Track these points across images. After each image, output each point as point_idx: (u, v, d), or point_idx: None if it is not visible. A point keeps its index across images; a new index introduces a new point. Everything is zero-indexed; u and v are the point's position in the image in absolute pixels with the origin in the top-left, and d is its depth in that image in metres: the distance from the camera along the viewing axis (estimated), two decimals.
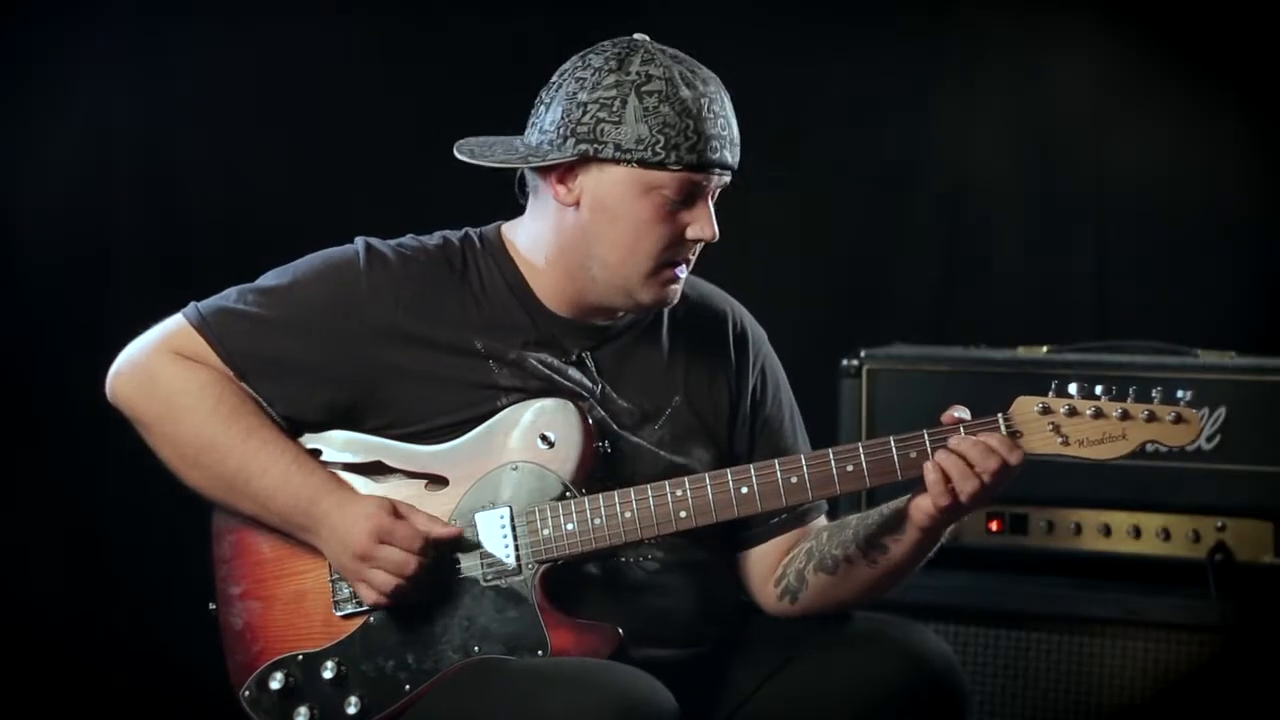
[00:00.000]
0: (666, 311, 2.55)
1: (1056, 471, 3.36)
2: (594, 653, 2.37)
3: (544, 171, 2.44)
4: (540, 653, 2.38)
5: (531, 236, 2.50)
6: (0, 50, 3.73)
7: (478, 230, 2.56)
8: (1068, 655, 3.32)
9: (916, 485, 2.38)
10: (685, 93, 2.37)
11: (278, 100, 4.01)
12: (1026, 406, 2.36)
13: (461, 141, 2.51)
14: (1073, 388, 2.36)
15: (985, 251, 4.26)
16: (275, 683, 2.46)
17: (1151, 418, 2.34)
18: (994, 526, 3.47)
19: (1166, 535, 3.37)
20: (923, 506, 2.37)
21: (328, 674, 2.45)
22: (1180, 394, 2.35)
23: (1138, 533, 3.38)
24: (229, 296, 2.51)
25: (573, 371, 2.50)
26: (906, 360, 3.54)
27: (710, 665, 2.50)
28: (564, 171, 2.42)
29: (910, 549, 2.44)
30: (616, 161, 2.38)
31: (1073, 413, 2.35)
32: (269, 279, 2.52)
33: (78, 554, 3.89)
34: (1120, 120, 4.12)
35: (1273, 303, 3.93)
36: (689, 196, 2.40)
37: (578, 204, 2.43)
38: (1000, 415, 2.36)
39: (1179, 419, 2.34)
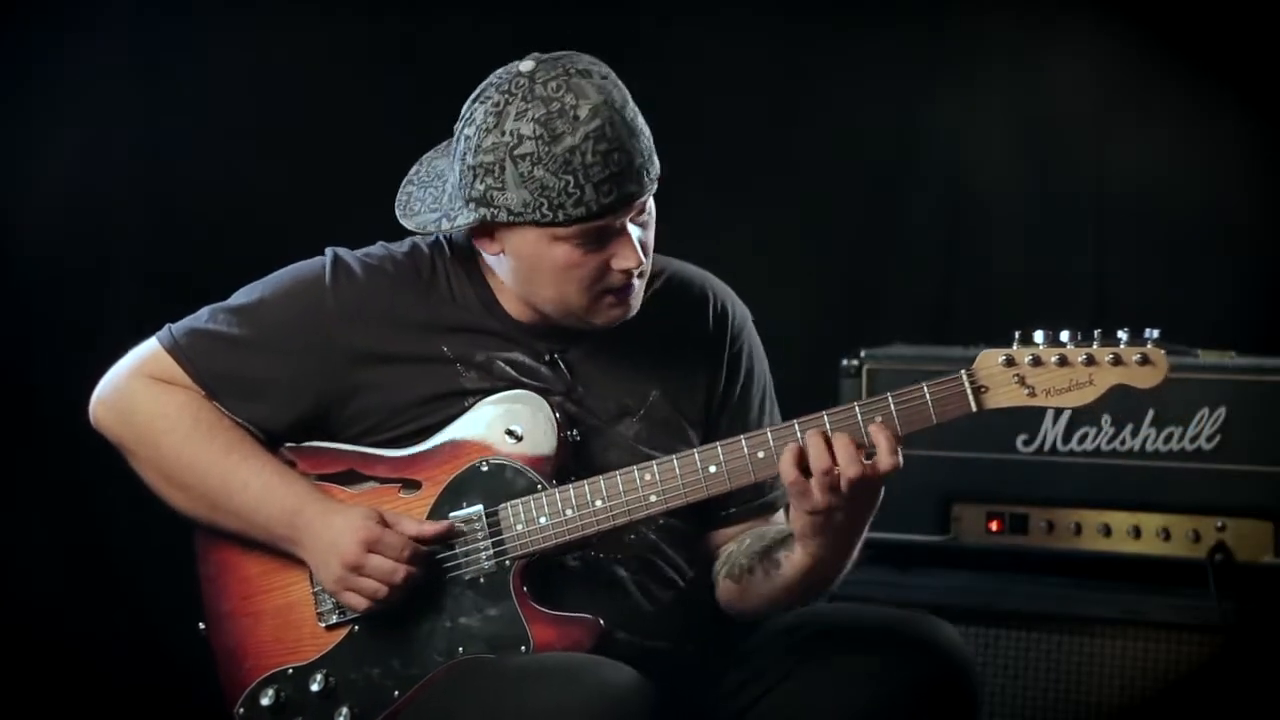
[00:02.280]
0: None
1: (1056, 471, 3.39)
2: (577, 645, 2.38)
3: None
4: (523, 649, 2.39)
5: (491, 257, 2.50)
6: (0, 50, 3.72)
7: (448, 235, 2.55)
8: (1068, 655, 3.32)
9: None
10: (558, 148, 2.30)
11: (277, 101, 4.01)
12: (990, 360, 2.32)
13: (418, 164, 2.50)
14: (1038, 335, 2.32)
15: (985, 251, 4.26)
16: (266, 699, 2.48)
17: (1117, 361, 2.29)
18: (994, 526, 3.47)
19: (1166, 535, 3.36)
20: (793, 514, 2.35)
21: (316, 686, 2.46)
22: (1148, 333, 2.31)
23: (1138, 533, 3.38)
24: (201, 317, 2.53)
25: (544, 371, 2.50)
26: (906, 360, 3.54)
27: (704, 657, 2.50)
28: (480, 228, 2.41)
29: (798, 566, 2.42)
30: (514, 224, 2.37)
31: (1037, 362, 2.30)
32: (239, 297, 2.54)
33: (77, 555, 3.89)
34: (1120, 120, 4.12)
35: (1273, 303, 3.92)
36: (600, 236, 2.37)
37: (504, 252, 2.43)
38: (964, 371, 2.32)
39: (1145, 360, 2.28)
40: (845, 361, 3.52)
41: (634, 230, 2.39)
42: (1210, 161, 4.02)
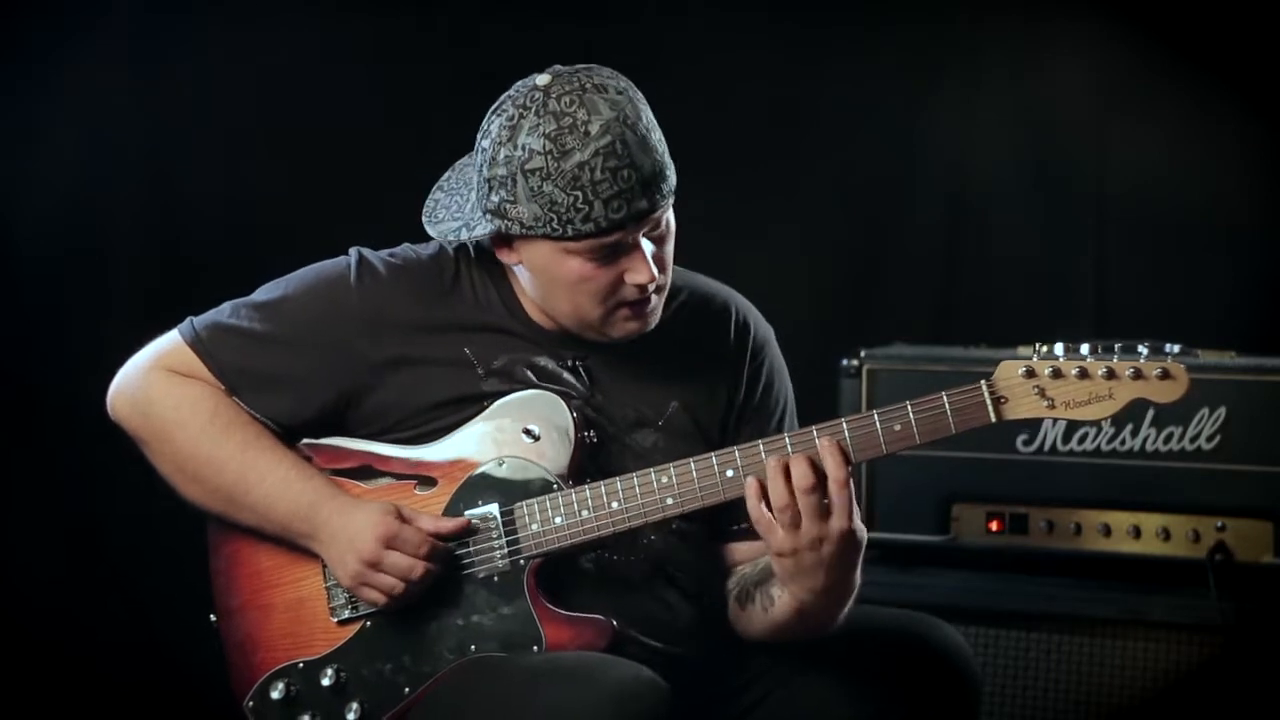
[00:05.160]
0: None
1: (1056, 471, 3.39)
2: (589, 646, 2.38)
3: None
4: (536, 648, 2.39)
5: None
6: (0, 50, 3.72)
7: (474, 239, 2.55)
8: (1068, 655, 3.32)
9: None
10: (567, 164, 2.30)
11: (278, 100, 4.01)
12: (1010, 371, 2.32)
13: (451, 170, 2.51)
14: (1058, 348, 2.32)
15: (985, 252, 4.26)
16: (276, 693, 2.48)
17: (1138, 375, 2.29)
18: (994, 526, 3.47)
19: (1166, 535, 3.36)
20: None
21: (327, 681, 2.46)
22: (1169, 348, 2.31)
23: (1138, 533, 3.38)
24: (223, 311, 2.53)
25: (565, 376, 2.50)
26: (906, 360, 3.54)
27: (716, 660, 2.50)
28: (499, 237, 2.42)
29: (786, 607, 2.38)
30: (527, 236, 2.37)
31: (1057, 374, 2.30)
32: (262, 293, 2.54)
33: (79, 554, 3.89)
34: (1120, 120, 4.12)
35: (1273, 303, 3.93)
36: (612, 251, 2.37)
37: (521, 262, 2.43)
38: (983, 382, 2.32)
39: (1166, 375, 2.29)
40: (845, 361, 3.52)
41: (648, 245, 2.38)
42: (1210, 161, 4.02)
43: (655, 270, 2.39)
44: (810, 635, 2.43)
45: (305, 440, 2.52)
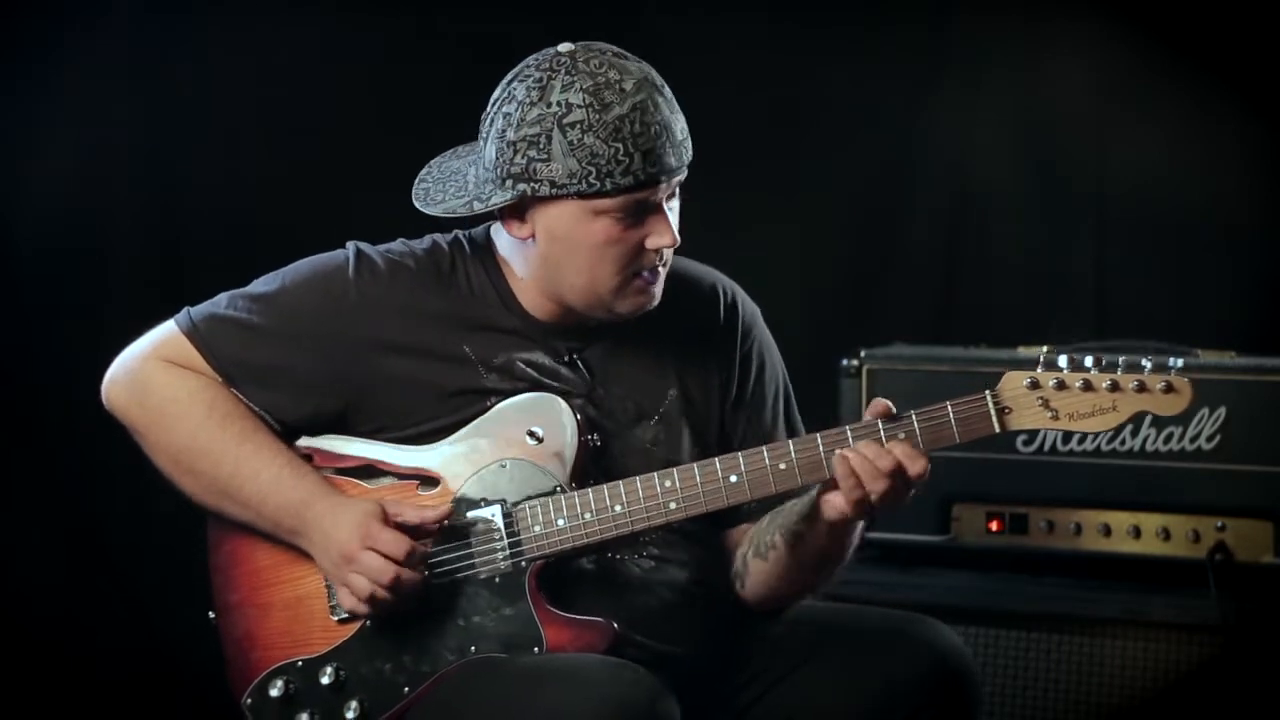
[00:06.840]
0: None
1: (1056, 471, 3.39)
2: (590, 648, 2.38)
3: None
4: (536, 650, 2.39)
5: (509, 250, 2.50)
6: (0, 50, 3.72)
7: (467, 233, 2.56)
8: (1068, 655, 3.32)
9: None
10: (608, 116, 2.33)
11: (277, 99, 4.01)
12: (1015, 382, 2.34)
13: (428, 167, 2.52)
14: (1062, 360, 2.34)
15: (985, 251, 4.26)
16: (275, 690, 2.47)
17: (1141, 388, 2.32)
18: (994, 526, 3.47)
19: (1166, 535, 3.37)
20: (833, 502, 2.36)
21: (326, 679, 2.46)
22: (1172, 362, 2.32)
23: (1138, 533, 3.38)
24: (220, 303, 2.52)
25: (564, 371, 2.50)
26: (906, 360, 3.54)
27: (716, 661, 2.51)
28: (512, 210, 2.42)
29: (824, 540, 2.44)
30: (555, 197, 2.38)
31: (1061, 386, 2.33)
32: (260, 285, 2.53)
33: (79, 554, 3.89)
34: (1120, 120, 4.12)
35: (1273, 303, 3.93)
36: (639, 210, 2.38)
37: (534, 236, 2.43)
38: (988, 392, 2.35)
39: (1169, 388, 2.31)
40: (845, 361, 3.52)
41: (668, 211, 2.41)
42: (1210, 161, 4.02)
43: (676, 234, 2.41)
44: (827, 576, 2.52)
45: (304, 439, 2.52)
